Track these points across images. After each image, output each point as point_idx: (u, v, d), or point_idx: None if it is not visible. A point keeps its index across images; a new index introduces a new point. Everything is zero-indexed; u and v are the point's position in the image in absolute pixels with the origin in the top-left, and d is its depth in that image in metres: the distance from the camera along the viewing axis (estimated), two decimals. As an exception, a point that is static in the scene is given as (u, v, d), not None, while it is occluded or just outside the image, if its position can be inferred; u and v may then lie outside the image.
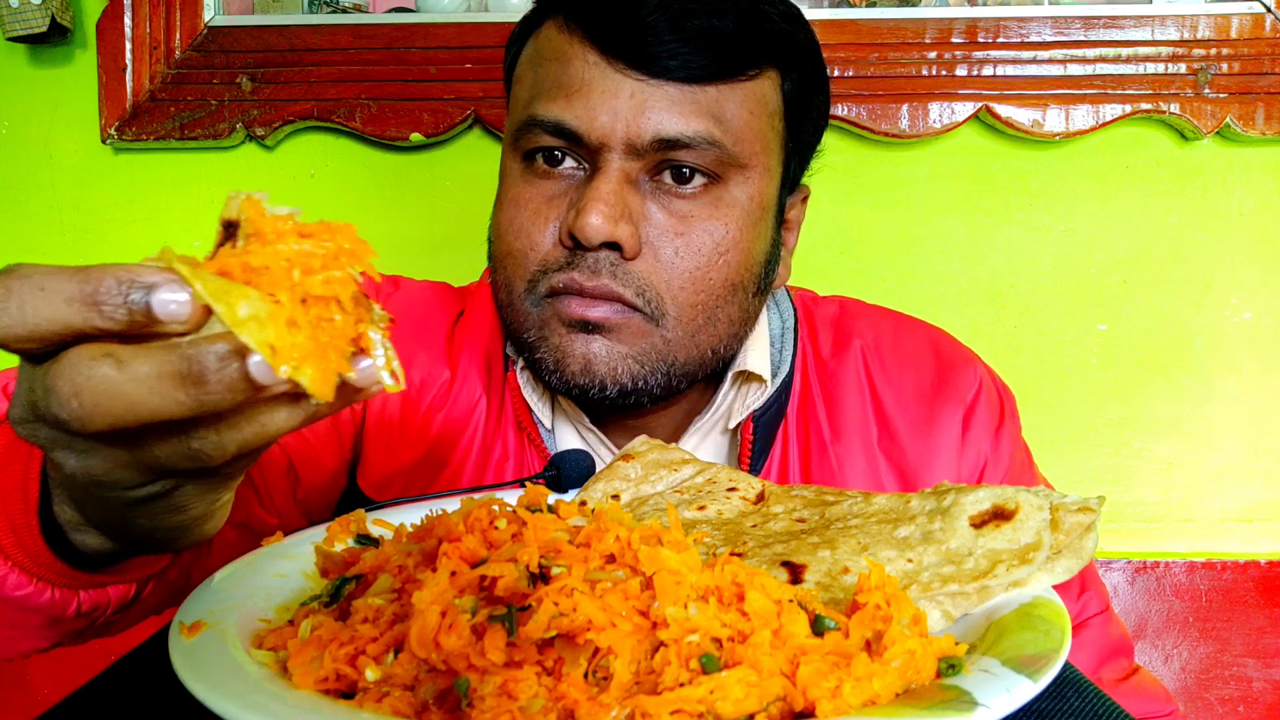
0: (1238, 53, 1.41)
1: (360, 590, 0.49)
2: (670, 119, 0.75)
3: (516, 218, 0.80)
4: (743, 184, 0.79)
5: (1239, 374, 1.51)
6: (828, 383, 0.91)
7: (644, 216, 0.77)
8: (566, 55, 0.78)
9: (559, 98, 0.77)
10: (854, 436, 0.88)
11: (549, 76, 0.79)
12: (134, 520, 0.47)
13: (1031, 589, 0.50)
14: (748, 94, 0.78)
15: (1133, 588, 1.46)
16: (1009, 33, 1.43)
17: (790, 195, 0.88)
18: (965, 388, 0.90)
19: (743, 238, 0.80)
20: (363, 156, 1.55)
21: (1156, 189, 1.50)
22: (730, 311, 0.81)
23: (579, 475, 0.75)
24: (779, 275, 0.89)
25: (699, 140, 0.76)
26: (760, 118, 0.80)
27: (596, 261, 0.76)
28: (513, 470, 0.88)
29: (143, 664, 0.54)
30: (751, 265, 0.82)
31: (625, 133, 0.75)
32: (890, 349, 0.93)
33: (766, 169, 0.81)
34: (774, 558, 0.54)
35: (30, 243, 1.59)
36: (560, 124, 0.76)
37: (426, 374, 0.91)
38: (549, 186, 0.79)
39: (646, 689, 0.40)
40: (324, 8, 1.55)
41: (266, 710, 0.39)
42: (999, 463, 0.89)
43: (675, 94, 0.75)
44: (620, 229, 0.75)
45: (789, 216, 0.90)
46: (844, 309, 0.97)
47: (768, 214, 0.83)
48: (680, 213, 0.78)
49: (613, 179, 0.75)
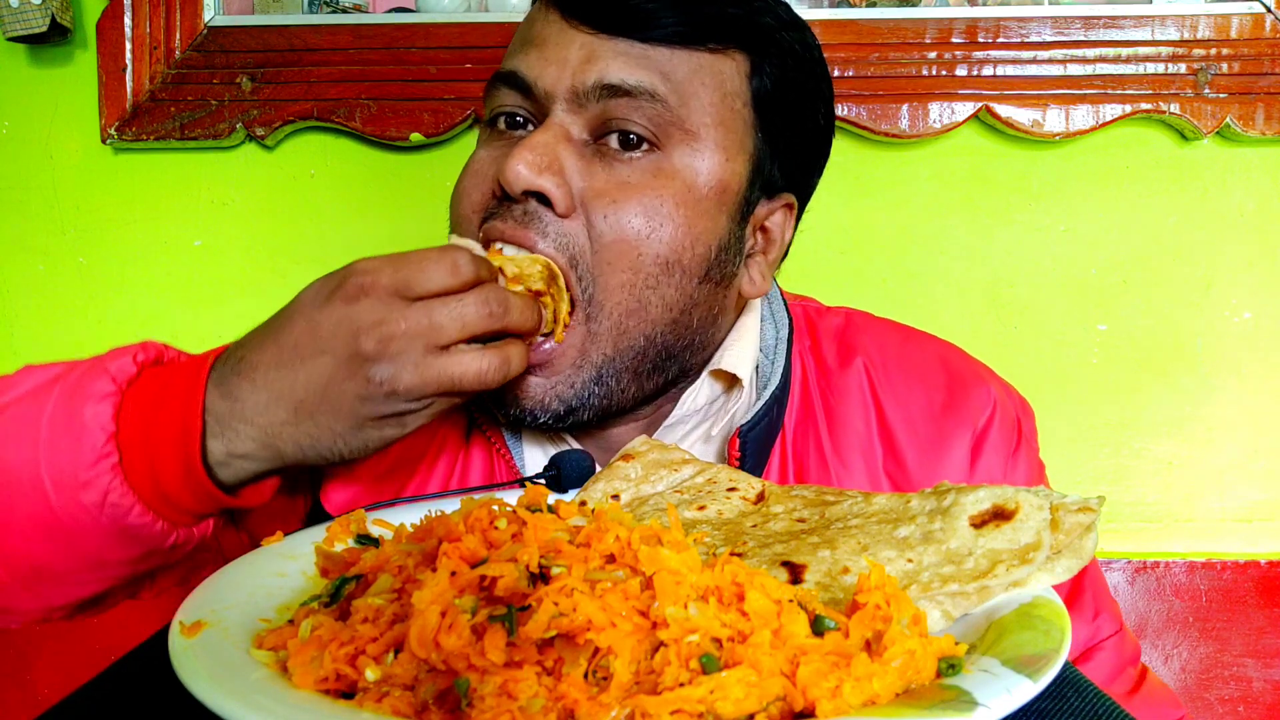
0: (1238, 53, 1.41)
1: (360, 590, 0.49)
2: (616, 67, 0.76)
3: (464, 179, 0.82)
4: (688, 155, 0.77)
5: (1239, 374, 1.51)
6: (830, 397, 0.87)
7: (579, 175, 0.76)
8: (534, 19, 0.81)
9: (517, 53, 0.80)
10: (856, 456, 0.85)
11: (517, 38, 0.82)
12: (360, 436, 0.67)
13: (1031, 589, 0.50)
14: (703, 64, 0.78)
15: (1133, 588, 1.46)
16: (1009, 33, 1.43)
17: (767, 199, 0.84)
18: (977, 410, 0.86)
19: (681, 214, 0.77)
20: (363, 156, 1.55)
21: (1156, 189, 1.50)
22: (665, 294, 0.77)
23: (579, 475, 0.75)
24: (753, 282, 0.85)
25: (641, 89, 0.75)
26: (714, 91, 0.78)
27: (525, 213, 0.75)
28: (480, 482, 0.87)
29: (143, 664, 0.54)
30: (695, 245, 0.78)
31: (570, 81, 0.76)
32: (897, 365, 0.89)
33: (721, 148, 0.78)
34: (774, 558, 0.54)
35: (30, 243, 1.59)
36: (514, 73, 0.78)
37: None
38: (497, 148, 0.80)
39: (646, 689, 0.40)
40: (324, 8, 1.55)
41: (266, 710, 0.39)
42: None
43: (624, 48, 0.76)
44: (545, 179, 0.74)
45: (768, 224, 0.86)
46: (849, 321, 0.94)
47: (724, 199, 0.79)
48: (619, 178, 0.76)
49: (551, 130, 0.76)
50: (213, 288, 1.57)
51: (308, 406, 0.65)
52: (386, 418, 0.66)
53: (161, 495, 0.66)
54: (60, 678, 1.53)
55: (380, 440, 0.68)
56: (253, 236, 1.57)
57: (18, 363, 0.73)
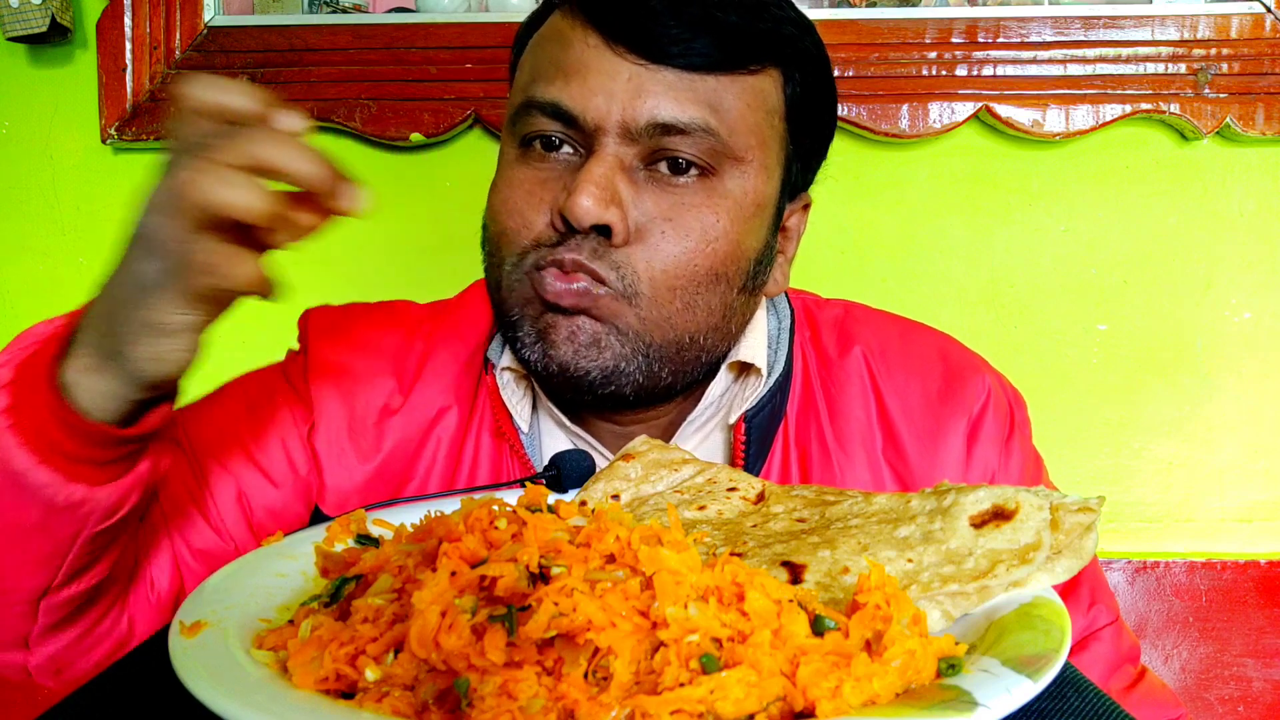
0: (1238, 53, 1.41)
1: (360, 590, 0.49)
2: (667, 104, 0.75)
3: (511, 198, 0.80)
4: (738, 178, 0.79)
5: (1239, 374, 1.51)
6: (831, 386, 0.89)
7: (635, 204, 0.76)
8: (567, 38, 0.78)
9: (556, 79, 0.77)
10: (857, 444, 0.87)
11: (548, 59, 0.79)
12: (141, 342, 0.61)
13: (1031, 589, 0.50)
14: (746, 88, 0.78)
15: (1133, 588, 1.46)
16: (1009, 33, 1.43)
17: (791, 201, 0.87)
18: (972, 397, 0.88)
19: (733, 229, 0.79)
20: (363, 156, 1.55)
21: (1156, 189, 1.50)
22: (710, 300, 0.80)
23: (579, 475, 0.75)
24: (775, 282, 0.88)
25: (695, 127, 0.75)
26: (758, 113, 0.79)
27: (582, 245, 0.76)
28: (487, 478, 0.87)
29: (143, 664, 0.54)
30: (739, 259, 0.80)
31: (621, 115, 0.75)
32: (897, 355, 0.91)
33: (764, 166, 0.81)
34: (774, 558, 0.54)
35: (30, 243, 1.59)
36: (557, 105, 0.76)
37: (368, 385, 0.90)
38: (545, 170, 0.79)
39: (646, 689, 0.40)
40: (324, 8, 1.55)
41: (266, 710, 0.39)
42: (1008, 475, 0.88)
43: (673, 80, 0.75)
44: (610, 212, 0.74)
45: (788, 224, 0.88)
46: (849, 312, 0.96)
47: (763, 212, 0.82)
48: (672, 202, 0.77)
49: (606, 162, 0.75)
50: (213, 288, 1.57)
51: (127, 283, 0.61)
52: (175, 268, 0.59)
53: (45, 440, 0.63)
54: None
55: (185, 316, 0.62)
56: (253, 236, 1.57)
57: (18, 363, 0.73)
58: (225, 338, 0.71)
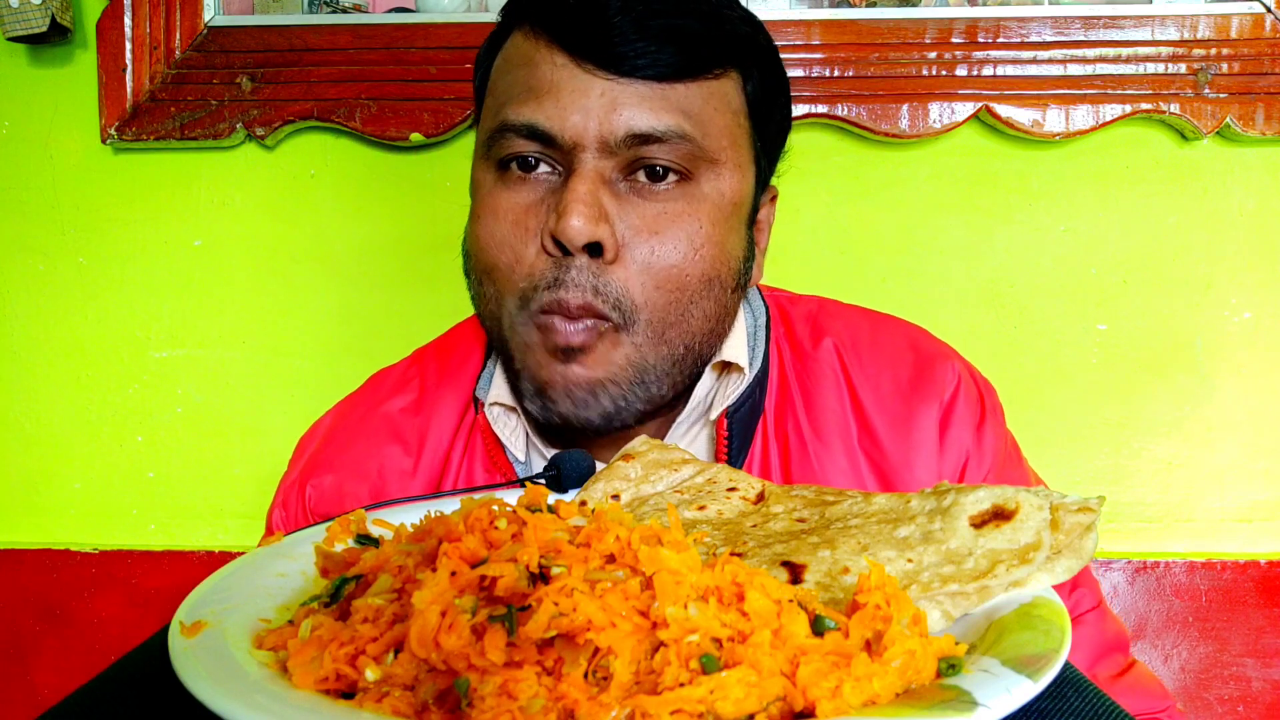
0: (1238, 53, 1.41)
1: (360, 590, 0.49)
2: (642, 115, 0.76)
3: (497, 230, 0.80)
4: (714, 180, 0.80)
5: (1239, 374, 1.51)
6: (806, 380, 0.91)
7: (620, 217, 0.78)
8: (534, 60, 0.79)
9: (529, 100, 0.78)
10: (834, 434, 0.88)
11: (518, 82, 0.79)
12: None
13: (1031, 589, 0.50)
14: (712, 91, 0.80)
15: (1133, 588, 1.46)
16: (1009, 33, 1.43)
17: (761, 195, 0.89)
18: (942, 384, 0.90)
19: (716, 233, 0.80)
20: (363, 156, 1.55)
21: (1156, 189, 1.50)
22: (705, 307, 0.82)
23: (579, 475, 0.75)
24: (753, 277, 0.90)
25: (671, 134, 0.77)
26: (725, 114, 0.81)
27: (580, 273, 0.77)
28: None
29: (143, 664, 0.54)
30: (728, 260, 0.82)
31: (598, 131, 0.76)
32: (868, 346, 0.93)
33: (737, 165, 0.82)
34: (774, 558, 0.54)
35: (30, 243, 1.59)
36: (533, 125, 0.77)
37: (386, 466, 0.91)
38: (525, 193, 0.79)
39: (646, 689, 0.40)
40: (324, 8, 1.55)
41: (266, 710, 0.39)
42: (982, 459, 0.89)
43: (645, 91, 0.77)
44: (600, 229, 0.76)
45: (760, 217, 0.90)
46: (821, 307, 0.98)
47: (740, 210, 0.84)
48: (655, 211, 0.78)
49: (589, 179, 0.76)
50: (213, 288, 1.57)
51: None
52: None
53: None
54: (60, 678, 1.53)
55: None
56: (253, 236, 1.57)
57: (17, 362, 0.73)
58: (226, 337, 0.71)
